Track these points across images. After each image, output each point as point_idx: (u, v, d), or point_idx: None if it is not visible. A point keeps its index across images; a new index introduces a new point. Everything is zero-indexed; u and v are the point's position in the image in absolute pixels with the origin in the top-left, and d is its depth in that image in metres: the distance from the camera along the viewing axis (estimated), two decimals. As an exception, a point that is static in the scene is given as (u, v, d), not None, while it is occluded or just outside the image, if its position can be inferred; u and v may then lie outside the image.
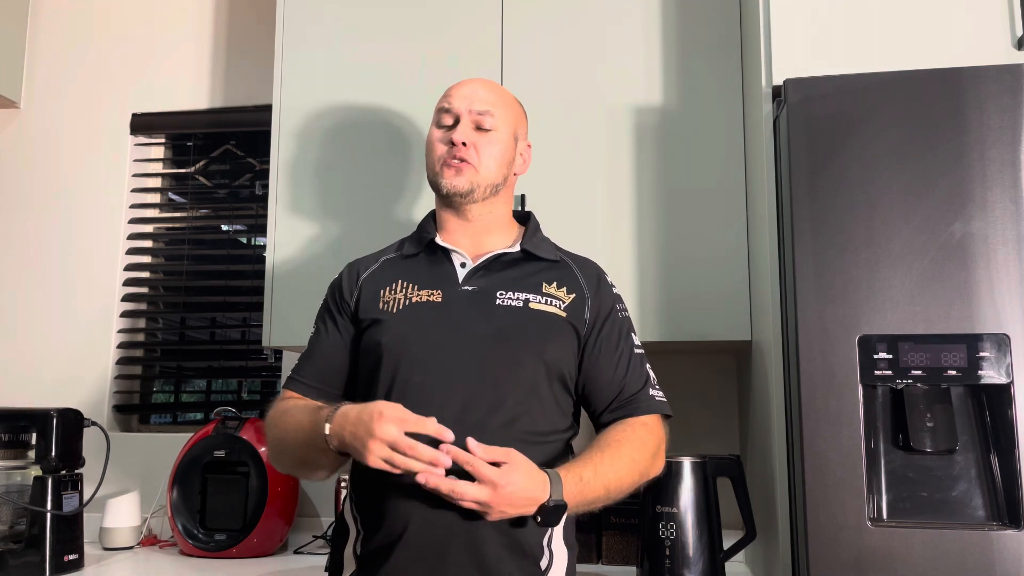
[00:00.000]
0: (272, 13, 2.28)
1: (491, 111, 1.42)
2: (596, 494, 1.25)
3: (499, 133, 1.42)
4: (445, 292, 1.36)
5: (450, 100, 1.43)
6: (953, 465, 1.29)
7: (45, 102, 2.50)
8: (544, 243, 1.46)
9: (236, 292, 2.37)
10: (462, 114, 1.41)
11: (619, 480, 1.27)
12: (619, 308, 1.42)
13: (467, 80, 1.47)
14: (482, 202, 1.42)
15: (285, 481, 1.98)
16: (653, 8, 1.84)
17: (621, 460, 1.28)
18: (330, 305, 1.45)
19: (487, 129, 1.41)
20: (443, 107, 1.44)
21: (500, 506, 1.15)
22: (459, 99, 1.42)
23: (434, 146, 1.43)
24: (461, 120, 1.41)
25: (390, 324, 1.34)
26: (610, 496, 1.27)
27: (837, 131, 1.37)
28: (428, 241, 1.44)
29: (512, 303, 1.34)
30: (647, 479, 1.34)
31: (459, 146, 1.39)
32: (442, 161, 1.41)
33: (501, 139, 1.43)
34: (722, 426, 2.00)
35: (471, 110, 1.41)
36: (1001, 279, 1.28)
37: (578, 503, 1.22)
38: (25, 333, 2.39)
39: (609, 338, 1.38)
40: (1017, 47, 1.46)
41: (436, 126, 1.44)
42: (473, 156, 1.40)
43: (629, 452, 1.29)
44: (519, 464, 1.17)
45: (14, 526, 1.77)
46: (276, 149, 1.94)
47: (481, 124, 1.41)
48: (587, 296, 1.39)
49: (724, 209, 1.75)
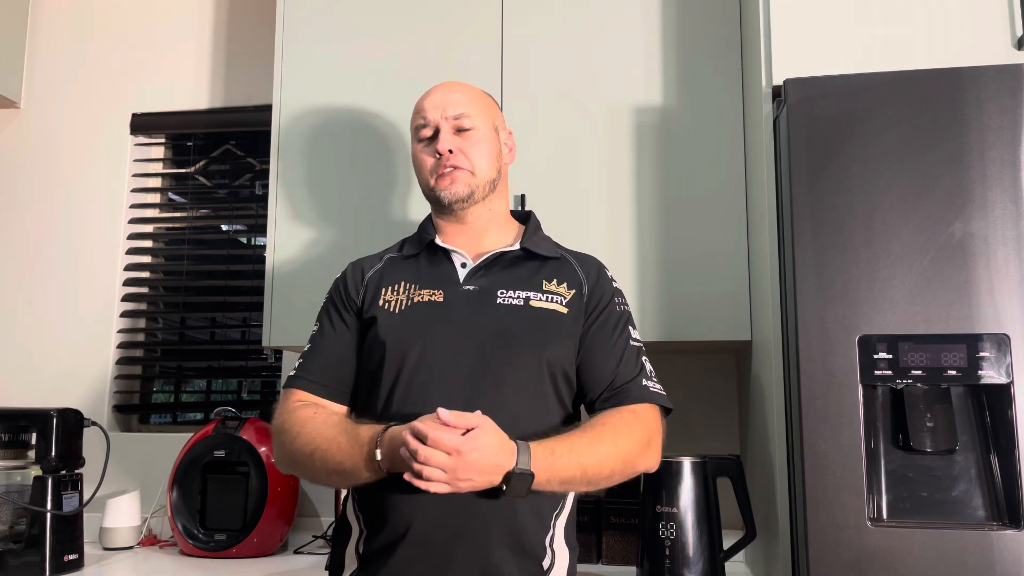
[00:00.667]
0: (272, 13, 2.28)
1: (465, 111, 1.43)
2: (571, 472, 1.21)
3: (480, 131, 1.43)
4: (446, 291, 1.36)
5: (424, 114, 1.44)
6: (953, 465, 1.29)
7: (45, 102, 2.50)
8: (544, 241, 1.47)
9: (236, 292, 2.37)
10: (439, 123, 1.42)
11: (599, 464, 1.23)
12: (618, 301, 1.42)
13: (432, 89, 1.48)
14: (482, 201, 1.43)
15: (285, 481, 1.98)
16: (653, 8, 1.84)
17: (602, 443, 1.25)
18: (336, 302, 1.44)
19: (467, 129, 1.42)
20: (419, 123, 1.44)
21: (466, 472, 1.13)
22: (432, 109, 1.43)
23: (422, 161, 1.44)
24: (440, 129, 1.42)
25: (392, 324, 1.34)
26: (589, 479, 1.23)
27: (837, 131, 1.37)
28: (428, 242, 1.44)
29: (513, 302, 1.34)
30: (635, 470, 1.29)
31: (446, 155, 1.40)
32: (435, 175, 1.42)
33: (484, 136, 1.44)
34: (722, 426, 2.00)
35: (447, 116, 1.42)
36: (1001, 279, 1.28)
37: (549, 478, 1.19)
38: (25, 333, 2.39)
39: (604, 327, 1.37)
40: (1017, 47, 1.46)
41: (417, 142, 1.45)
42: (463, 160, 1.41)
43: (612, 436, 1.26)
44: (487, 429, 1.15)
45: (14, 526, 1.77)
46: (276, 149, 1.94)
47: (460, 127, 1.42)
48: (586, 289, 1.39)
49: (724, 209, 1.75)
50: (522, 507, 1.24)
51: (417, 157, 1.46)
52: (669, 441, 1.37)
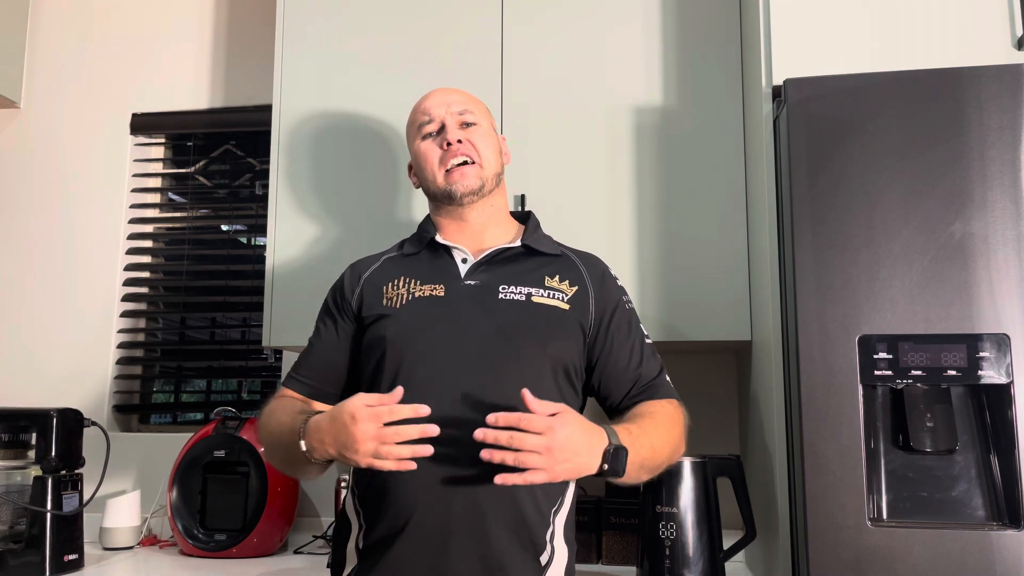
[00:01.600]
0: (272, 13, 2.28)
1: (468, 108, 1.46)
2: (643, 454, 1.22)
3: (483, 127, 1.46)
4: (448, 286, 1.37)
5: (428, 110, 1.46)
6: (953, 465, 1.29)
7: (45, 102, 2.50)
8: (545, 239, 1.47)
9: (236, 292, 2.37)
10: (444, 118, 1.44)
11: (660, 447, 1.26)
12: (625, 300, 1.43)
13: (430, 93, 1.50)
14: (487, 196, 1.44)
15: (285, 481, 1.98)
16: (653, 8, 1.84)
17: (661, 428, 1.28)
18: (330, 305, 1.46)
19: (472, 124, 1.45)
20: (422, 120, 1.46)
21: (562, 454, 1.11)
22: (436, 106, 1.45)
23: (427, 155, 1.45)
24: (446, 123, 1.44)
25: (394, 319, 1.35)
26: (655, 463, 1.26)
27: (837, 131, 1.37)
28: (428, 240, 1.44)
29: (515, 297, 1.35)
30: (674, 460, 1.33)
31: (455, 144, 1.41)
32: (444, 168, 1.42)
33: (487, 131, 1.47)
34: (722, 426, 2.00)
35: (451, 112, 1.44)
36: (1001, 279, 1.28)
37: (633, 459, 1.18)
38: (25, 333, 2.39)
39: (620, 330, 1.39)
40: (1017, 47, 1.46)
41: (422, 138, 1.46)
42: (472, 151, 1.42)
43: (667, 423, 1.30)
44: (571, 413, 1.15)
45: (14, 526, 1.77)
46: (276, 149, 1.94)
47: (465, 122, 1.45)
48: (591, 290, 1.40)
49: (724, 209, 1.75)
50: (523, 499, 1.24)
51: (421, 152, 1.46)
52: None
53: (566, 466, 1.12)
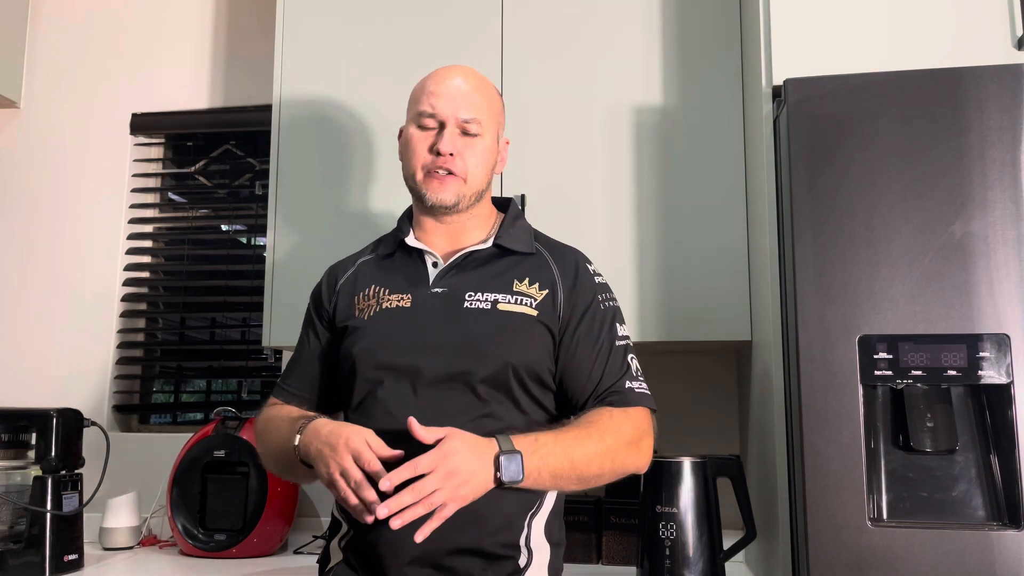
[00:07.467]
0: (272, 13, 2.28)
1: (476, 117, 1.37)
2: (559, 463, 1.20)
3: (484, 139, 1.38)
4: (415, 296, 1.35)
5: (433, 103, 1.36)
6: (953, 465, 1.29)
7: (45, 102, 2.50)
8: (522, 233, 1.42)
9: (236, 292, 2.37)
10: (447, 119, 1.36)
11: (587, 460, 1.22)
12: (601, 298, 1.37)
13: (447, 74, 1.39)
14: (465, 211, 1.40)
15: (285, 481, 1.97)
16: (653, 8, 1.84)
17: (589, 439, 1.23)
18: (311, 313, 1.47)
19: (473, 135, 1.37)
20: (424, 109, 1.37)
21: (460, 480, 1.12)
22: (445, 102, 1.36)
23: (415, 149, 1.38)
24: (447, 127, 1.36)
25: (362, 332, 1.34)
26: (577, 473, 1.22)
27: (837, 131, 1.37)
28: (401, 241, 1.42)
29: (480, 305, 1.32)
30: (626, 469, 1.28)
31: (446, 156, 1.35)
32: (426, 170, 1.37)
33: (486, 145, 1.39)
34: (722, 426, 2.00)
35: (456, 116, 1.36)
36: (1001, 279, 1.28)
37: (538, 466, 1.18)
38: (25, 333, 2.39)
39: (589, 333, 1.34)
40: (1017, 47, 1.46)
41: (417, 127, 1.38)
42: (460, 166, 1.36)
43: (599, 433, 1.25)
44: (453, 433, 1.16)
45: (14, 526, 1.77)
46: (276, 149, 1.94)
47: (467, 130, 1.36)
48: (560, 292, 1.35)
49: (724, 209, 1.75)
50: (489, 510, 1.21)
51: (411, 140, 1.38)
52: (669, 441, 1.37)
53: (467, 489, 1.14)
